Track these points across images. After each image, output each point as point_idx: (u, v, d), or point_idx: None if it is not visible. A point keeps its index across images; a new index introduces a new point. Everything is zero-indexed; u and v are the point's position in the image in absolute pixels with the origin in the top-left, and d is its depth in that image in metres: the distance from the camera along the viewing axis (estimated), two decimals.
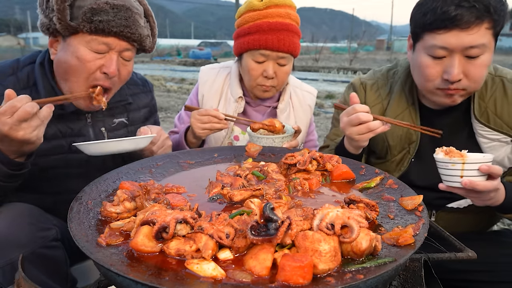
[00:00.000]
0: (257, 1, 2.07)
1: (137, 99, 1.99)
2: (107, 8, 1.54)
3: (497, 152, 1.68)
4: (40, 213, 1.56)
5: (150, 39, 1.76)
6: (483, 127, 1.67)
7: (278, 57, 2.04)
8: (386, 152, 1.85)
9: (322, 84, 15.88)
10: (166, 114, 9.22)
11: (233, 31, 2.23)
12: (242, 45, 2.09)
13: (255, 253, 0.86)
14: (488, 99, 1.68)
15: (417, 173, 1.80)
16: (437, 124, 1.76)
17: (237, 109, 2.21)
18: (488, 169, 1.29)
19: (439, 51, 1.52)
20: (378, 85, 1.90)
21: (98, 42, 1.57)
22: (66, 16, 1.52)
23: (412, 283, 1.11)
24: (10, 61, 1.73)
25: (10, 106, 1.26)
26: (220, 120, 1.92)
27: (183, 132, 2.09)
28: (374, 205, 1.11)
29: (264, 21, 2.02)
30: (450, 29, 1.46)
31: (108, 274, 0.85)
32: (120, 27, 1.57)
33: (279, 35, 2.00)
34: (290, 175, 1.44)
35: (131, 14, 1.60)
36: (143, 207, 1.10)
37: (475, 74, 1.52)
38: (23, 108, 1.27)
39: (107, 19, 1.53)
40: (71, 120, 1.74)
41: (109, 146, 1.53)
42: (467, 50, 1.48)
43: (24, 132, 1.28)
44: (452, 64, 1.51)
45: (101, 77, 1.63)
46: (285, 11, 2.04)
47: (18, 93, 1.62)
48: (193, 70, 23.53)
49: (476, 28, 1.44)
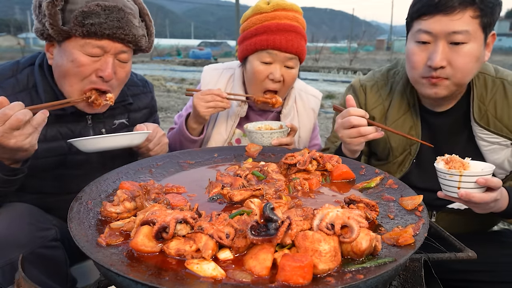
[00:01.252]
0: (265, 4, 2.06)
1: (137, 100, 1.98)
2: (99, 10, 1.51)
3: (497, 155, 1.67)
4: (40, 213, 1.56)
5: (146, 38, 1.73)
6: (483, 130, 1.66)
7: (286, 58, 2.00)
8: (388, 154, 1.84)
9: (322, 84, 15.89)
10: (166, 114, 9.22)
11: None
12: (249, 47, 2.05)
13: (255, 253, 0.86)
14: (488, 102, 1.67)
15: (418, 175, 1.80)
16: (436, 126, 1.76)
17: (240, 113, 2.18)
18: (485, 182, 1.28)
19: (423, 36, 1.54)
20: (378, 86, 1.89)
21: (92, 45, 1.55)
22: (58, 21, 1.50)
23: (412, 283, 1.11)
24: (10, 63, 1.72)
25: (1, 114, 1.24)
26: (223, 99, 1.93)
27: (184, 119, 2.09)
28: (374, 205, 1.11)
29: (272, 22, 2.01)
30: (434, 14, 1.50)
31: (108, 274, 0.85)
32: (113, 29, 1.54)
33: (287, 36, 1.98)
34: (290, 175, 1.44)
35: (124, 14, 1.57)
36: (143, 207, 1.10)
37: (459, 63, 1.52)
38: (15, 116, 1.25)
39: (98, 21, 1.51)
40: (72, 122, 1.73)
41: (104, 141, 1.51)
42: (450, 35, 1.49)
43: (16, 140, 1.27)
44: (435, 50, 1.52)
45: (97, 81, 1.61)
46: (293, 15, 2.04)
47: (18, 95, 1.62)
48: (193, 70, 23.50)
49: (460, 14, 1.47)
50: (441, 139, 1.76)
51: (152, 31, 1.78)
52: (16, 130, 1.26)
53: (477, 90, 1.67)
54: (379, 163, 1.90)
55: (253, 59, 2.05)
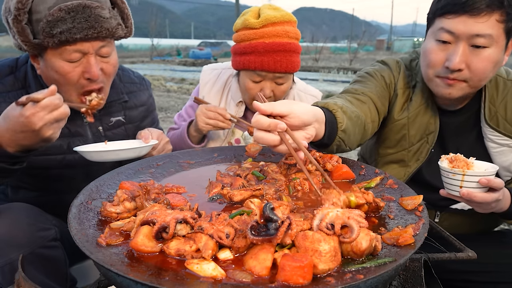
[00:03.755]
0: (253, 19, 2.00)
1: (133, 97, 1.97)
2: (63, 15, 1.45)
3: (505, 157, 1.66)
4: (39, 213, 1.56)
5: (122, 26, 1.65)
6: (493, 131, 1.65)
7: (275, 77, 2.00)
8: (400, 140, 1.80)
9: (322, 84, 15.88)
10: (166, 114, 9.21)
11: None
12: (239, 64, 2.05)
13: (255, 253, 0.86)
14: (498, 104, 1.65)
15: (429, 170, 1.77)
16: (447, 124, 1.75)
17: (237, 113, 2.19)
18: (488, 183, 1.28)
19: (445, 35, 1.50)
20: (407, 73, 1.84)
21: (69, 51, 1.50)
22: (28, 36, 1.46)
23: (412, 283, 1.11)
24: (9, 60, 1.72)
25: (51, 103, 1.22)
26: (225, 120, 1.93)
27: (186, 125, 2.09)
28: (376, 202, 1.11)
29: (259, 41, 1.96)
30: (459, 14, 1.45)
31: (108, 274, 0.85)
32: (83, 30, 1.48)
33: (275, 57, 1.94)
34: (290, 175, 1.44)
35: (91, 11, 1.50)
36: (143, 207, 1.10)
37: (477, 67, 1.48)
38: (64, 108, 1.25)
39: (66, 28, 1.45)
40: (68, 120, 1.73)
41: (111, 154, 1.53)
42: (473, 38, 1.45)
43: (53, 131, 1.27)
44: (455, 52, 1.48)
45: (86, 83, 1.59)
46: (282, 29, 1.97)
47: (16, 93, 1.62)
48: (193, 70, 23.51)
49: (486, 17, 1.42)
50: (450, 138, 1.75)
51: (127, 14, 1.69)
52: (57, 123, 1.26)
53: (488, 91, 1.66)
54: (388, 152, 1.86)
55: (244, 76, 2.06)
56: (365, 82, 1.80)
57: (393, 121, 1.80)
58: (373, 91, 1.74)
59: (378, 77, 1.81)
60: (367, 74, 1.85)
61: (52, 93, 1.25)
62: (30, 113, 1.22)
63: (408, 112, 1.76)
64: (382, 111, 1.77)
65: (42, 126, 1.23)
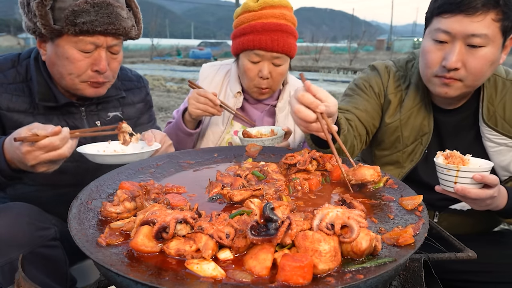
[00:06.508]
0: (253, 3, 2.09)
1: (131, 94, 2.03)
2: (88, 8, 1.54)
3: (503, 156, 1.66)
4: (39, 212, 1.56)
5: (135, 28, 1.77)
6: (491, 131, 1.65)
7: (272, 57, 2.06)
8: (395, 142, 1.82)
9: (322, 84, 15.88)
10: (166, 114, 9.20)
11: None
12: (238, 46, 2.12)
13: (255, 253, 0.86)
14: (497, 103, 1.66)
15: (426, 170, 1.78)
16: (445, 123, 1.75)
17: (236, 104, 2.23)
18: (482, 179, 1.29)
19: (441, 35, 1.51)
20: (399, 75, 1.86)
21: (85, 42, 1.59)
22: (49, 20, 1.53)
23: (412, 283, 1.11)
24: (12, 54, 1.78)
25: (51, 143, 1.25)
26: (214, 105, 1.97)
27: (182, 110, 2.15)
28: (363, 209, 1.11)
29: (258, 22, 2.05)
30: (455, 13, 1.46)
31: (108, 274, 0.85)
32: (104, 25, 1.58)
33: (273, 36, 2.02)
34: (290, 175, 1.44)
35: (113, 9, 1.60)
36: (143, 207, 1.10)
37: (474, 66, 1.49)
38: (62, 150, 1.27)
39: (90, 19, 1.54)
40: (65, 114, 1.77)
41: (113, 158, 1.55)
42: (469, 38, 1.46)
43: (47, 168, 1.31)
44: (452, 51, 1.50)
45: (93, 75, 1.66)
46: (280, 12, 2.06)
47: (17, 86, 1.68)
48: (193, 70, 23.53)
49: (481, 16, 1.43)
50: (448, 137, 1.75)
51: (139, 18, 1.81)
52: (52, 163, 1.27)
53: (487, 90, 1.67)
54: (384, 154, 1.88)
55: (243, 58, 2.12)
56: (354, 97, 1.88)
57: (385, 124, 1.83)
58: (360, 107, 1.81)
59: (367, 88, 1.86)
60: (356, 86, 1.91)
61: (55, 134, 1.28)
62: (26, 150, 1.26)
63: (400, 114, 1.79)
64: (371, 124, 1.83)
65: (36, 164, 1.27)
